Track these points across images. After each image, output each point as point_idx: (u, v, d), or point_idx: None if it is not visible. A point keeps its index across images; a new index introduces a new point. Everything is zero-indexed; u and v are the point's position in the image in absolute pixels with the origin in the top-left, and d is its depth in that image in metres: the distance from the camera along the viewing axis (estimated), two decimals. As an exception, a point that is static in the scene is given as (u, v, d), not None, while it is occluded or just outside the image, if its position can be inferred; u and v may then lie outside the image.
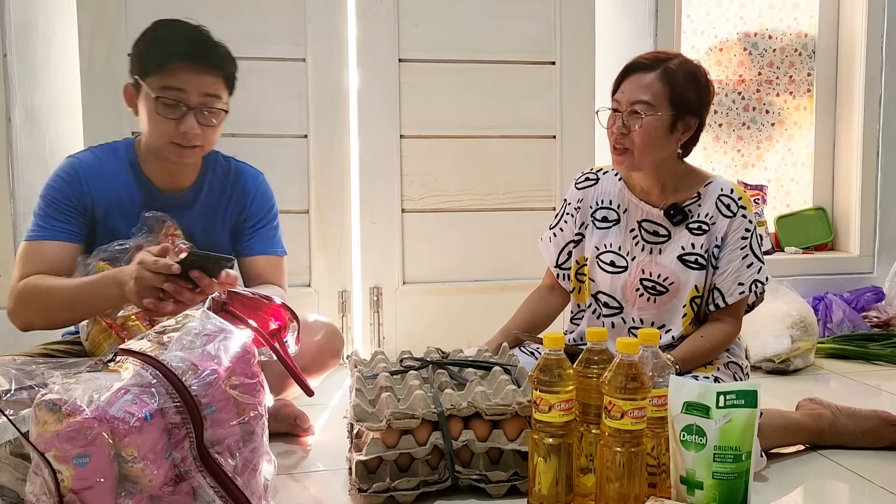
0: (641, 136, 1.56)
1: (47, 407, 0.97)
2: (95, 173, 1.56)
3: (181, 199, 1.61)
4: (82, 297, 1.42)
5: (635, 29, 2.67)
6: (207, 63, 1.50)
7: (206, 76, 1.50)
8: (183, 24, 1.54)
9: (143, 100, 1.51)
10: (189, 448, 1.03)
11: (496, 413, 1.37)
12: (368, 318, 2.42)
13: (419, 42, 2.37)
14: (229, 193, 1.67)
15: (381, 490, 1.33)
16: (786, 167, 3.10)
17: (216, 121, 1.53)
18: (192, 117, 1.49)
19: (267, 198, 1.72)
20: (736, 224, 1.62)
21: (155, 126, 1.50)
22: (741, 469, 1.20)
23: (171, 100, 1.48)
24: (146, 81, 1.49)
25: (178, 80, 1.47)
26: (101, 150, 1.62)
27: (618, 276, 1.69)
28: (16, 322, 1.50)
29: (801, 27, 3.05)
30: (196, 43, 1.51)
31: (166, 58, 1.47)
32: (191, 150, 1.53)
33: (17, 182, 2.21)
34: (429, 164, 2.41)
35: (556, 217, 1.83)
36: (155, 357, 1.06)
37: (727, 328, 1.62)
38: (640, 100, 1.56)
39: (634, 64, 1.61)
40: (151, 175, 1.59)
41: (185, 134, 1.49)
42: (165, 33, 1.51)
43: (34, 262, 1.49)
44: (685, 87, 1.57)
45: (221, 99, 1.53)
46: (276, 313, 1.35)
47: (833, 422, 1.61)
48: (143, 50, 1.51)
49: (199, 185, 1.64)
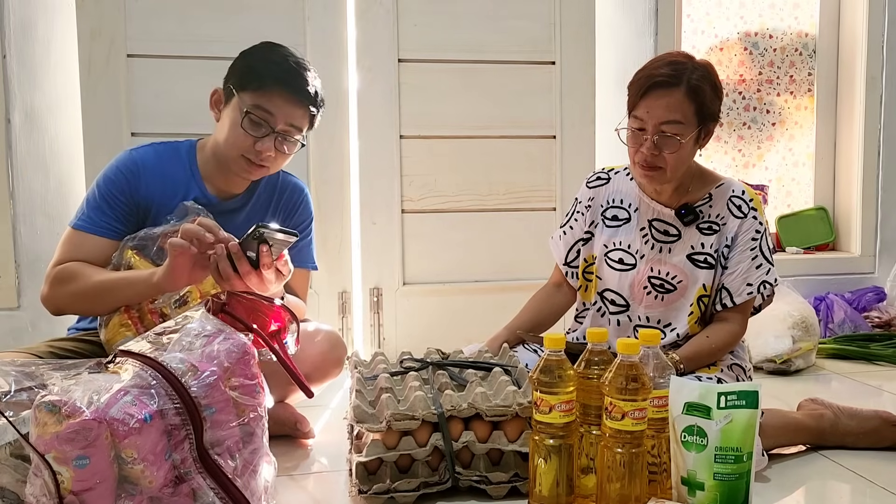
0: (675, 158, 1.56)
1: (47, 408, 0.96)
2: (155, 171, 1.59)
3: (231, 205, 1.65)
4: (119, 287, 1.44)
5: (636, 28, 2.66)
6: (302, 96, 1.55)
7: (297, 108, 1.55)
8: (291, 53, 1.59)
9: (231, 110, 1.55)
10: (189, 449, 1.03)
11: (496, 414, 1.36)
12: (368, 319, 2.41)
13: (419, 42, 2.36)
14: (276, 204, 1.71)
15: (382, 491, 1.33)
16: (787, 167, 3.10)
17: (290, 150, 1.59)
18: (271, 140, 1.54)
19: (308, 212, 1.77)
20: (747, 225, 1.62)
21: (235, 137, 1.54)
22: (742, 470, 1.19)
23: (259, 118, 1.52)
24: (240, 94, 1.53)
25: (271, 103, 1.52)
26: (163, 147, 1.64)
27: (626, 274, 1.69)
28: (48, 305, 1.52)
29: (801, 27, 3.05)
30: (298, 75, 1.55)
31: (268, 80, 1.52)
32: (258, 169, 1.58)
33: (17, 183, 2.21)
34: (429, 164, 2.41)
35: (567, 215, 1.84)
36: (154, 358, 1.05)
37: (733, 328, 1.61)
38: (670, 120, 1.53)
39: (655, 79, 1.54)
40: (207, 179, 1.62)
41: (259, 153, 1.54)
42: (273, 58, 1.56)
43: (75, 251, 1.51)
44: (710, 98, 1.56)
45: (301, 132, 1.59)
46: (275, 314, 1.35)
47: (834, 422, 1.61)
48: (248, 65, 1.56)
49: (250, 194, 1.67)
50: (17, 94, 2.20)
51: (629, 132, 1.59)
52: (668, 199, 1.68)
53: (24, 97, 2.21)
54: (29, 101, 2.22)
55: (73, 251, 1.51)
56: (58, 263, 1.50)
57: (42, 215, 2.26)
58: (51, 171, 2.27)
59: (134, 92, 2.19)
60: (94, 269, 1.49)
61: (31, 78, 2.22)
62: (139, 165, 1.58)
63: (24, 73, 2.20)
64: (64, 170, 2.28)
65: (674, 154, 1.55)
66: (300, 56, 1.60)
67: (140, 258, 1.49)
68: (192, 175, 1.61)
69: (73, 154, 2.26)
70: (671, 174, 1.59)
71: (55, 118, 2.27)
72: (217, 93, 1.60)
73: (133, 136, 2.18)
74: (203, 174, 1.62)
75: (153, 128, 2.17)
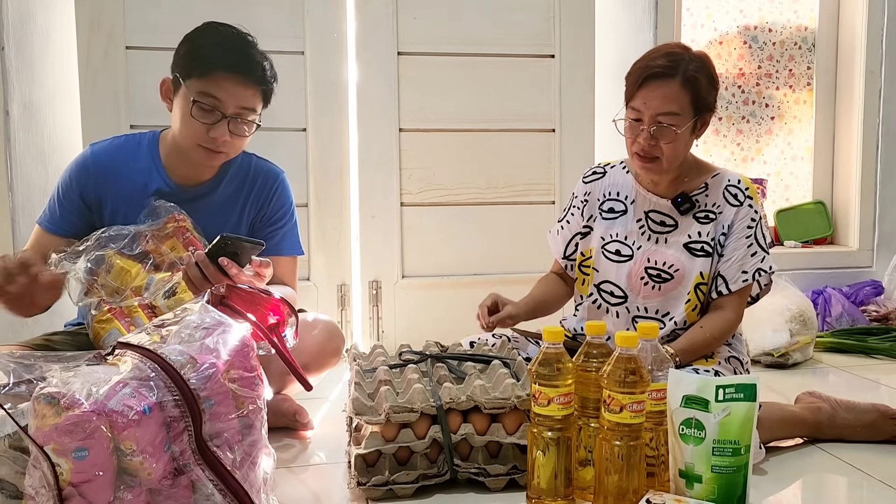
0: (672, 149, 1.57)
1: (46, 400, 0.96)
2: (107, 167, 1.59)
3: (198, 191, 1.63)
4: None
5: (635, 22, 2.66)
6: (249, 77, 1.52)
7: (246, 89, 1.52)
8: (233, 32, 1.55)
9: (180, 99, 1.53)
10: (188, 441, 1.03)
11: (495, 407, 1.37)
12: (367, 312, 2.42)
13: (418, 35, 2.36)
14: (248, 191, 1.68)
15: (380, 483, 1.33)
16: (785, 161, 3.10)
17: (247, 132, 1.56)
18: (224, 125, 1.51)
19: (286, 197, 1.73)
20: (742, 213, 1.62)
21: (187, 127, 1.53)
22: (740, 463, 1.20)
23: (208, 105, 1.50)
24: (186, 83, 1.51)
25: (218, 88, 1.49)
26: (123, 140, 1.65)
27: (623, 265, 1.69)
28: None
29: (801, 20, 3.04)
30: (242, 55, 1.52)
31: (211, 66, 1.49)
32: (216, 155, 1.56)
33: (16, 175, 2.21)
34: (428, 157, 2.40)
35: (564, 210, 1.85)
36: (153, 350, 1.05)
37: (728, 316, 1.62)
38: (667, 111, 1.54)
39: (651, 70, 1.55)
40: (171, 169, 1.61)
41: (214, 139, 1.52)
42: (214, 39, 1.53)
43: (36, 248, 1.59)
44: (706, 89, 1.57)
45: (256, 112, 1.56)
46: (274, 308, 1.35)
47: (832, 415, 1.62)
48: (189, 51, 1.53)
49: (217, 181, 1.65)
50: (16, 86, 2.19)
51: (626, 123, 1.60)
52: (665, 189, 1.68)
53: (23, 89, 2.20)
54: (27, 93, 2.22)
55: (35, 248, 1.59)
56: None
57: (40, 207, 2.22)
58: (49, 163, 2.26)
59: (132, 84, 2.19)
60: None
61: (30, 70, 2.21)
62: (90, 164, 1.60)
63: (22, 65, 2.20)
64: (63, 162, 2.27)
65: (670, 144, 1.56)
66: (245, 32, 1.56)
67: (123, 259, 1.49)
68: (154, 165, 1.61)
69: (71, 146, 2.26)
70: (668, 164, 1.59)
71: (53, 110, 2.26)
72: (166, 83, 1.58)
73: (132, 128, 2.17)
74: (166, 164, 1.61)
75: (151, 120, 2.16)
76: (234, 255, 1.32)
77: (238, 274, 1.32)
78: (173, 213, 1.54)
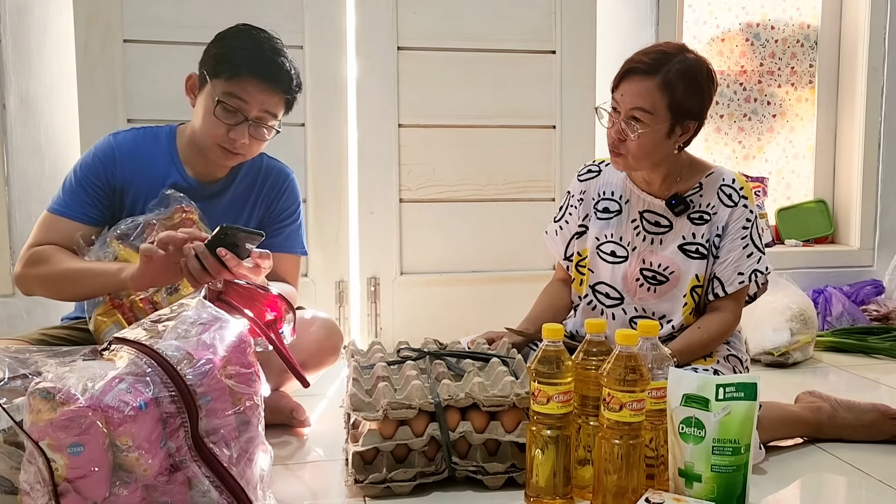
0: (637, 146, 1.55)
1: (41, 395, 0.96)
2: (132, 155, 1.59)
3: (212, 189, 1.64)
4: (86, 276, 1.45)
5: (637, 19, 2.65)
6: (276, 84, 1.54)
7: (272, 96, 1.54)
8: (264, 38, 1.56)
9: (205, 96, 1.54)
10: (184, 437, 1.03)
11: (494, 404, 1.36)
12: (366, 309, 2.41)
13: (418, 30, 2.35)
14: (258, 189, 1.70)
15: (378, 481, 1.32)
16: (787, 159, 3.09)
17: (266, 136, 1.58)
18: (245, 128, 1.53)
19: (294, 197, 1.75)
20: (737, 214, 1.61)
21: (208, 125, 1.54)
22: (740, 462, 1.19)
23: (232, 107, 1.51)
24: (213, 82, 1.52)
25: (243, 91, 1.51)
26: (143, 132, 1.65)
27: (618, 267, 1.68)
28: (20, 285, 1.55)
29: (803, 18, 3.03)
30: (272, 62, 1.54)
31: (239, 69, 1.51)
32: (233, 156, 1.57)
33: (12, 169, 2.20)
34: (427, 153, 2.39)
35: (560, 210, 1.83)
36: (150, 346, 1.05)
37: (726, 317, 1.61)
38: (639, 107, 1.54)
39: (634, 64, 1.56)
40: (187, 164, 1.62)
41: (233, 141, 1.53)
42: (246, 44, 1.54)
43: (50, 234, 1.53)
44: (685, 95, 1.53)
45: (277, 118, 1.58)
46: (272, 304, 1.34)
47: (832, 415, 1.61)
48: (220, 52, 1.54)
49: (231, 178, 1.67)
50: (13, 79, 2.18)
51: (609, 113, 1.61)
52: (658, 189, 1.67)
53: (20, 82, 2.19)
54: (24, 86, 2.20)
55: (48, 234, 1.53)
56: (32, 245, 1.53)
57: (37, 201, 2.24)
58: (46, 156, 2.25)
59: (130, 77, 2.17)
60: (66, 255, 1.50)
61: (27, 63, 2.20)
62: (115, 150, 1.59)
63: (19, 58, 2.18)
64: (59, 155, 2.26)
65: (636, 142, 1.55)
66: (276, 39, 1.58)
67: (125, 248, 1.49)
68: (172, 159, 1.61)
69: (68, 140, 2.24)
70: (634, 161, 1.58)
71: (50, 103, 2.25)
72: (192, 78, 1.59)
73: (129, 122, 2.16)
74: (183, 158, 1.62)
75: (149, 114, 2.15)
76: (233, 245, 1.31)
77: (237, 266, 1.31)
78: (182, 204, 1.55)
